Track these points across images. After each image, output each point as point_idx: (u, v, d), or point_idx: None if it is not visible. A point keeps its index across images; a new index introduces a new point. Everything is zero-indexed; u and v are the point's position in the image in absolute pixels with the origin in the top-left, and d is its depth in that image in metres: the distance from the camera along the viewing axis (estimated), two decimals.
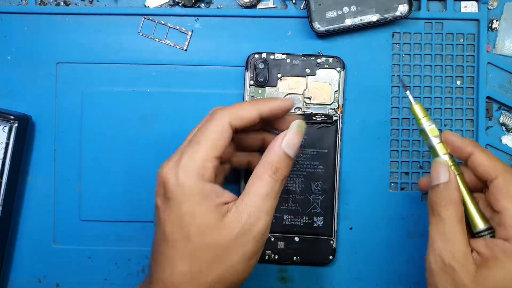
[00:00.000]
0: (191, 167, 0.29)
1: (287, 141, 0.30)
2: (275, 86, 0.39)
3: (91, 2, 0.41)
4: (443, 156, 0.30)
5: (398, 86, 0.40)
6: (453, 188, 0.29)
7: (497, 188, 0.29)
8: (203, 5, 0.41)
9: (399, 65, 0.40)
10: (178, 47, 0.40)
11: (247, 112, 0.30)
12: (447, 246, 0.28)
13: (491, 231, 0.29)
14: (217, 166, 0.29)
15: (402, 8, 0.39)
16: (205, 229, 0.28)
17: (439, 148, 0.30)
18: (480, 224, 0.29)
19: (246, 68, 0.39)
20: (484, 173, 0.29)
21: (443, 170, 0.29)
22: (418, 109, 0.31)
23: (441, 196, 0.29)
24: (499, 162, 0.29)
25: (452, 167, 0.30)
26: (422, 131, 0.31)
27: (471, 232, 0.30)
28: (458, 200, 0.29)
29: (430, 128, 0.31)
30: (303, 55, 0.39)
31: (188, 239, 0.28)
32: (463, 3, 0.40)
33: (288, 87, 0.39)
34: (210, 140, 0.29)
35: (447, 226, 0.29)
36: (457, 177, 0.30)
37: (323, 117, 0.39)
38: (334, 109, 0.39)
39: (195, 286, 0.28)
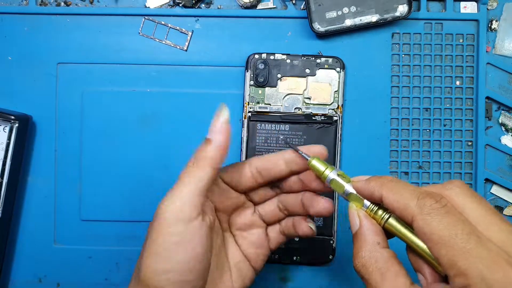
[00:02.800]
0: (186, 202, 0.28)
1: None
2: (275, 87, 0.39)
3: (91, 3, 0.41)
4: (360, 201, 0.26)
5: (398, 86, 0.40)
6: (369, 233, 0.25)
7: (419, 233, 0.22)
8: (203, 5, 0.41)
9: (398, 65, 0.40)
10: (178, 47, 0.40)
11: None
12: None
13: None
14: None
15: (402, 9, 0.39)
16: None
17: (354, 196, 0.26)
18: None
19: (246, 69, 0.39)
20: (402, 217, 0.23)
21: (353, 217, 0.26)
22: (317, 163, 0.28)
23: (360, 245, 0.25)
24: (410, 199, 0.23)
25: (375, 209, 0.26)
26: (333, 182, 0.27)
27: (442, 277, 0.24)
28: (377, 242, 0.24)
29: (339, 174, 0.27)
30: (303, 55, 0.39)
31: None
32: (462, 4, 0.40)
33: (288, 88, 0.39)
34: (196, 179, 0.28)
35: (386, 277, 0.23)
36: (382, 218, 0.25)
37: (323, 117, 0.39)
38: (334, 109, 0.39)
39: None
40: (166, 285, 0.25)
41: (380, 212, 0.25)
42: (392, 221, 0.25)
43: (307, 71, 0.39)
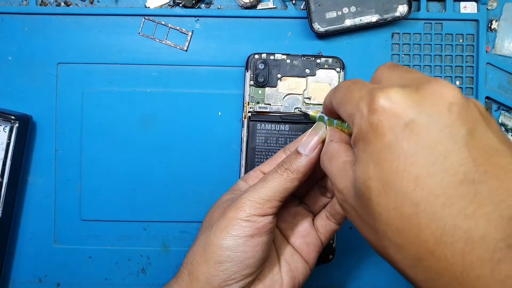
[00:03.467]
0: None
1: (303, 142, 0.30)
2: (275, 87, 0.39)
3: (91, 3, 0.41)
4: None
5: None
6: (328, 137, 0.27)
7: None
8: (203, 5, 0.41)
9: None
10: (178, 47, 0.40)
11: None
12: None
13: None
14: None
15: (402, 9, 0.39)
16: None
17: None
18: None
19: (246, 69, 0.39)
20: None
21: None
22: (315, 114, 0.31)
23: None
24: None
25: (339, 122, 0.28)
26: (320, 118, 0.30)
27: None
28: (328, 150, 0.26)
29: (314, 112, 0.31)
30: (303, 55, 0.39)
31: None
32: (462, 4, 0.40)
33: (288, 88, 0.39)
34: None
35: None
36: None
37: None
38: None
39: None
40: (225, 261, 0.27)
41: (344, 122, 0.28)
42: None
43: (307, 71, 0.39)
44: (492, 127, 0.20)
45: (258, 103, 0.39)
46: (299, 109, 0.39)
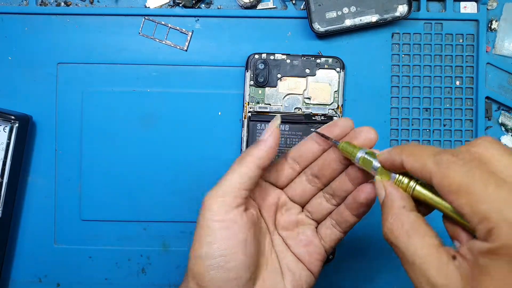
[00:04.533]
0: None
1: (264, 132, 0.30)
2: (275, 87, 0.39)
3: (91, 3, 0.41)
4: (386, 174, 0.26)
5: (398, 86, 0.40)
6: (394, 199, 0.24)
7: (439, 190, 0.22)
8: (203, 5, 0.41)
9: (398, 65, 0.40)
10: (178, 47, 0.40)
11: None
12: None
13: None
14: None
15: (402, 9, 0.39)
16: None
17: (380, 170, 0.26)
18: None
19: (246, 69, 0.39)
20: (423, 179, 0.23)
21: (379, 187, 0.26)
22: (347, 146, 0.28)
23: (386, 213, 0.25)
24: (427, 158, 0.22)
25: (401, 178, 0.25)
26: (362, 159, 0.27)
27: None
28: (406, 209, 0.24)
29: (367, 152, 0.27)
30: (303, 55, 0.39)
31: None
32: (462, 4, 0.40)
33: (288, 88, 0.39)
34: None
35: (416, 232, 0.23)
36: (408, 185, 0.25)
37: (322, 117, 0.39)
38: (333, 109, 0.39)
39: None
40: (208, 271, 0.26)
41: (407, 181, 0.25)
42: (419, 188, 0.24)
43: (307, 71, 0.39)
44: None
45: (258, 103, 0.39)
46: (299, 109, 0.39)
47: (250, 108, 0.39)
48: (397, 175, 0.25)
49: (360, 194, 0.28)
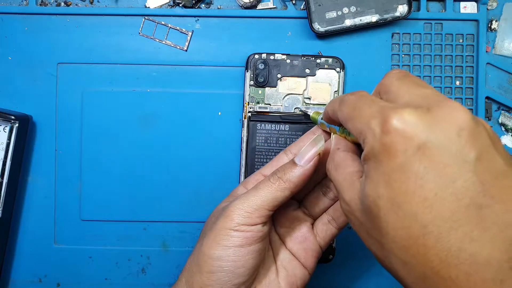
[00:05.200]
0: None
1: (300, 153, 0.29)
2: (275, 87, 0.39)
3: (91, 3, 0.41)
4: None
5: None
6: (333, 143, 0.28)
7: (342, 123, 0.26)
8: (203, 5, 0.41)
9: (398, 65, 0.40)
10: (178, 47, 0.40)
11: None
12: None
13: None
14: None
15: (402, 9, 0.39)
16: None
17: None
18: None
19: (246, 69, 0.39)
20: (338, 121, 0.27)
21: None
22: (315, 115, 0.32)
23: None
24: (335, 103, 0.26)
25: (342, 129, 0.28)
26: (318, 121, 0.32)
27: None
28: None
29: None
30: (303, 55, 0.39)
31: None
32: (462, 4, 0.40)
33: (288, 88, 0.39)
34: None
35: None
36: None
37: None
38: None
39: None
40: (216, 271, 0.27)
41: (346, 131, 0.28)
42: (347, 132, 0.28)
43: (307, 71, 0.39)
44: (499, 150, 0.20)
45: (258, 103, 0.39)
46: (299, 109, 0.39)
47: (250, 108, 0.39)
48: (340, 127, 0.29)
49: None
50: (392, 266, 0.21)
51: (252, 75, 0.39)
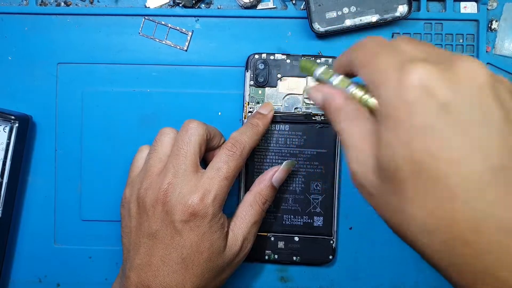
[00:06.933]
0: (220, 202, 0.32)
1: (276, 177, 0.36)
2: (275, 87, 0.39)
3: (91, 3, 0.41)
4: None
5: None
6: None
7: (353, 67, 0.24)
8: (203, 5, 0.41)
9: None
10: (178, 47, 0.40)
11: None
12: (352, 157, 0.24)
13: None
14: None
15: (402, 9, 0.39)
16: (216, 255, 0.32)
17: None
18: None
19: (246, 69, 0.39)
20: (351, 68, 0.25)
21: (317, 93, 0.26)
22: (306, 63, 0.29)
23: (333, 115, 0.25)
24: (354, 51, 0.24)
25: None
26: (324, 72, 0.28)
27: None
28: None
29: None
30: (303, 55, 0.39)
31: (201, 263, 0.31)
32: (462, 4, 0.40)
33: (288, 88, 0.39)
34: (234, 176, 0.33)
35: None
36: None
37: (322, 117, 0.39)
38: None
39: None
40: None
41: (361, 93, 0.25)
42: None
43: None
44: None
45: (258, 103, 0.39)
46: (299, 109, 0.39)
47: (250, 108, 0.39)
48: (342, 76, 0.26)
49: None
50: (411, 235, 0.20)
51: (252, 75, 0.39)
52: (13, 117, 0.38)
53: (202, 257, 0.31)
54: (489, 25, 0.40)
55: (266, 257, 0.39)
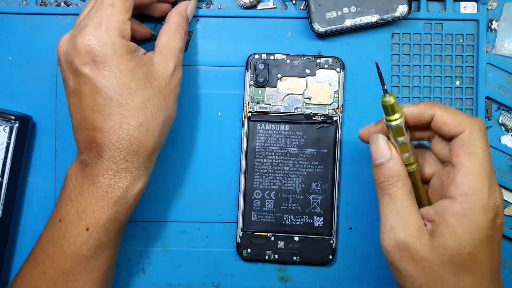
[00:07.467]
0: (114, 30, 0.30)
1: (190, 8, 0.36)
2: (275, 87, 0.39)
3: None
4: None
5: (398, 86, 0.40)
6: (398, 163, 0.28)
7: (460, 143, 0.27)
8: (203, 5, 0.41)
9: (398, 65, 0.40)
10: None
11: None
12: (399, 223, 0.28)
13: None
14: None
15: (402, 9, 0.39)
16: (144, 80, 0.31)
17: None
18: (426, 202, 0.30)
19: (246, 69, 0.39)
20: (450, 131, 0.28)
21: (384, 147, 0.29)
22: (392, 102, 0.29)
23: (387, 174, 0.28)
24: (465, 116, 0.28)
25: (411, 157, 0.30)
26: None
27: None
28: (404, 174, 0.28)
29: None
30: (303, 55, 0.39)
31: (134, 94, 0.31)
32: (462, 4, 0.40)
33: (288, 88, 0.39)
34: (123, 3, 0.31)
35: (398, 203, 0.28)
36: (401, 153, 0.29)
37: (323, 117, 0.39)
38: (333, 109, 0.39)
39: (152, 130, 0.32)
40: None
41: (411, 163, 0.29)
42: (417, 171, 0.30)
43: (307, 71, 0.39)
44: None
45: (258, 103, 0.39)
46: (299, 109, 0.39)
47: (250, 108, 0.39)
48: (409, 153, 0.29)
49: None
50: None
51: (252, 75, 0.39)
52: (13, 117, 0.38)
53: (131, 90, 0.31)
54: (489, 25, 0.40)
55: (266, 257, 0.39)
